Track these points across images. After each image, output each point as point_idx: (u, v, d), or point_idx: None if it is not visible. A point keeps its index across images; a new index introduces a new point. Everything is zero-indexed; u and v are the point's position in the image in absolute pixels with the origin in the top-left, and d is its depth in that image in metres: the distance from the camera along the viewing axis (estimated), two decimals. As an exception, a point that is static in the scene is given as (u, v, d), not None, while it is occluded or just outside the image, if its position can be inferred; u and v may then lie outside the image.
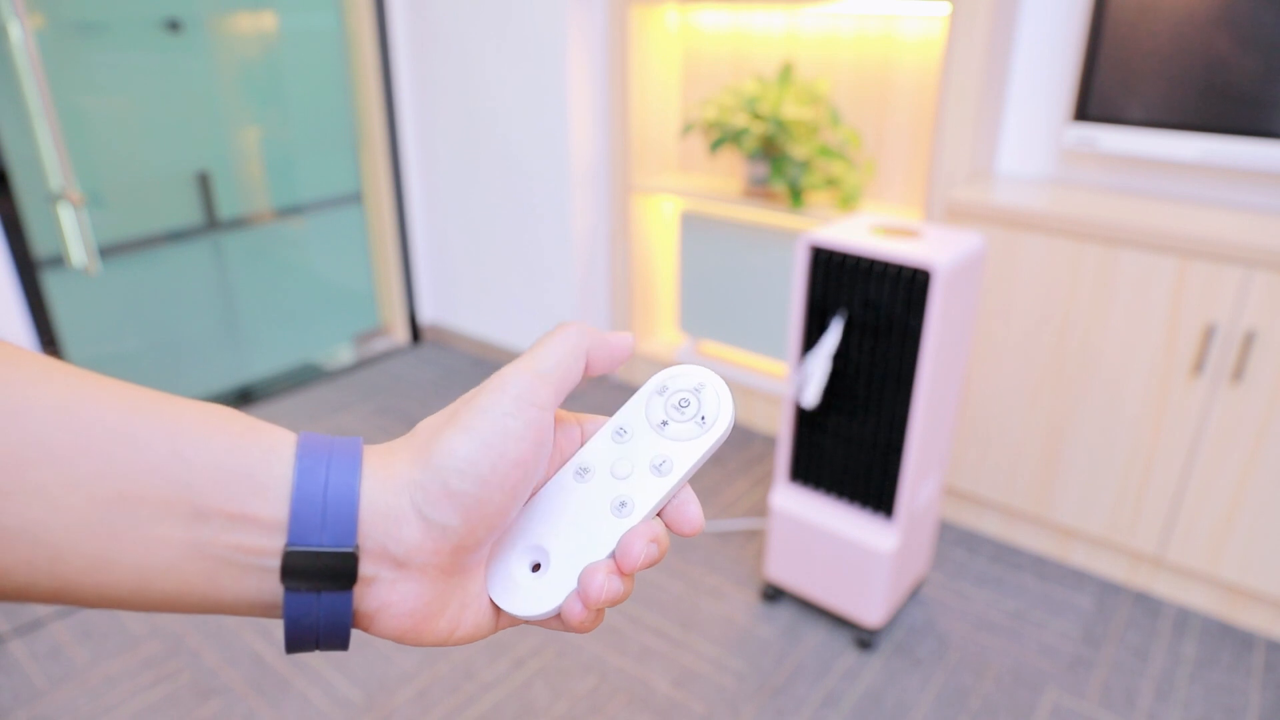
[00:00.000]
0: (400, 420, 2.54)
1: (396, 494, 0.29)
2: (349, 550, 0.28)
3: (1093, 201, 1.75)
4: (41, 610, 1.76)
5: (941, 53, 1.81)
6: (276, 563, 0.27)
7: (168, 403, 0.27)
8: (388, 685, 1.56)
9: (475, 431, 0.29)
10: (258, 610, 0.28)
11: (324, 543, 0.27)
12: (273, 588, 0.28)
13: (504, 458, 0.29)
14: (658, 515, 0.33)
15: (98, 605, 0.27)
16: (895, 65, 2.11)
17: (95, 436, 0.25)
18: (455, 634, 0.31)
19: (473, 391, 0.31)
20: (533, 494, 0.34)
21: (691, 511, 0.33)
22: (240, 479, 0.27)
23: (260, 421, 0.29)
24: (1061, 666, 1.63)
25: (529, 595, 0.32)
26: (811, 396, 1.48)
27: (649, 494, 0.33)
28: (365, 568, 0.28)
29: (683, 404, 0.34)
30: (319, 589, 0.28)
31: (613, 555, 0.32)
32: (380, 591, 0.29)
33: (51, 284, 2.18)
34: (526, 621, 0.33)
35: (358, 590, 0.29)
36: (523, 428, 0.30)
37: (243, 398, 2.65)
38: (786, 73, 2.12)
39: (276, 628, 1.71)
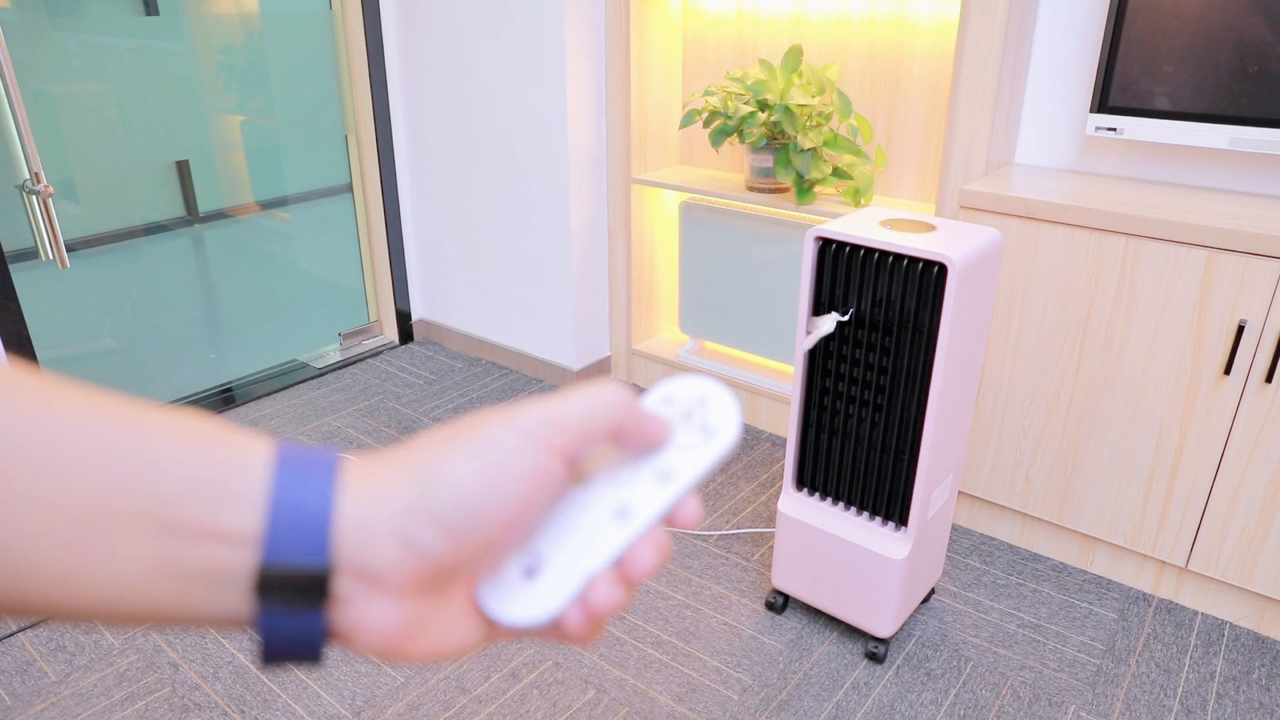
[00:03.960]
0: (390, 422, 2.47)
1: (375, 509, 0.28)
2: (321, 568, 0.27)
3: (1116, 192, 1.69)
4: (10, 622, 1.69)
5: (957, 37, 1.74)
6: (249, 578, 0.27)
7: (140, 411, 0.27)
8: (376, 700, 1.51)
9: (476, 460, 0.28)
10: (231, 624, 0.28)
11: (297, 559, 0.27)
12: (245, 603, 0.27)
13: (501, 494, 0.28)
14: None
15: (65, 618, 0.26)
16: (908, 50, 2.04)
17: (63, 447, 0.25)
18: (441, 651, 0.30)
19: (483, 416, 0.30)
20: None
21: (689, 504, 0.32)
22: (213, 491, 0.26)
23: (237, 431, 0.28)
24: (1083, 681, 1.57)
25: (521, 602, 0.31)
26: (809, 342, 1.44)
27: (651, 502, 0.32)
28: (340, 585, 0.27)
29: (688, 414, 0.34)
30: (291, 606, 0.27)
31: (613, 563, 0.31)
32: (355, 610, 0.28)
33: (20, 279, 2.12)
34: (519, 631, 0.31)
35: (332, 607, 0.28)
36: (528, 469, 0.29)
37: (224, 399, 2.58)
38: (793, 56, 2.05)
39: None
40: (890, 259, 1.35)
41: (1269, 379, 1.48)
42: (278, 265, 2.67)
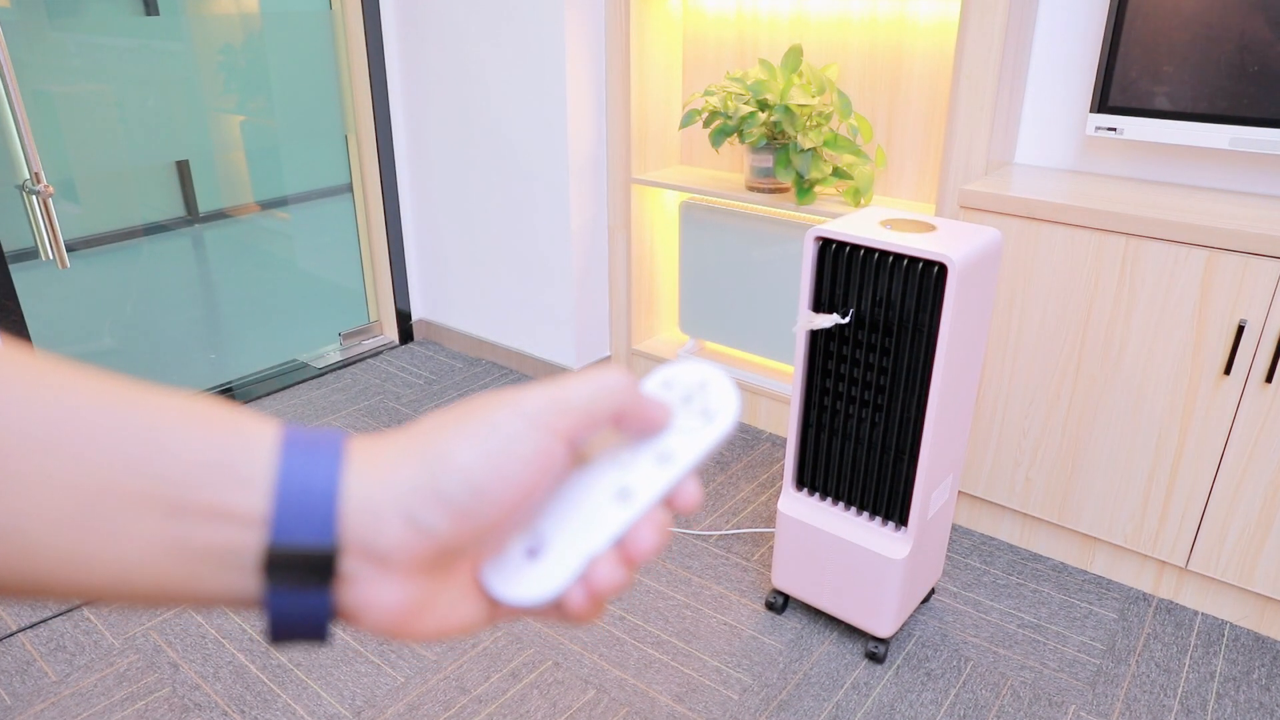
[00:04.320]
0: (390, 422, 2.47)
1: (382, 490, 0.28)
2: (328, 548, 0.27)
3: (1116, 192, 1.68)
4: (10, 622, 1.69)
5: (957, 37, 1.74)
6: (256, 558, 0.27)
7: (149, 394, 0.27)
8: (377, 700, 1.51)
9: (482, 443, 0.29)
10: (238, 604, 0.28)
11: (304, 539, 0.27)
12: (253, 582, 0.27)
13: (506, 477, 0.29)
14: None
15: (76, 598, 0.27)
16: (908, 50, 2.04)
17: (72, 428, 0.25)
18: (445, 630, 0.31)
19: (486, 400, 0.30)
20: None
21: (689, 487, 0.33)
22: (221, 472, 0.27)
23: (244, 413, 0.28)
24: (1083, 681, 1.56)
25: (524, 582, 0.31)
26: (803, 327, 1.46)
27: (652, 483, 0.32)
28: (346, 565, 0.28)
29: (687, 398, 0.34)
30: (298, 585, 0.27)
31: (614, 543, 0.32)
32: (362, 589, 0.28)
33: (20, 279, 2.11)
34: (522, 610, 0.32)
35: (339, 587, 0.28)
36: (530, 452, 0.29)
37: (225, 399, 2.58)
38: (793, 56, 2.05)
39: (259, 639, 1.65)
40: (890, 259, 1.35)
41: (1269, 379, 1.48)
42: (278, 265, 2.67)
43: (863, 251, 1.37)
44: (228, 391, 2.60)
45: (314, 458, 0.28)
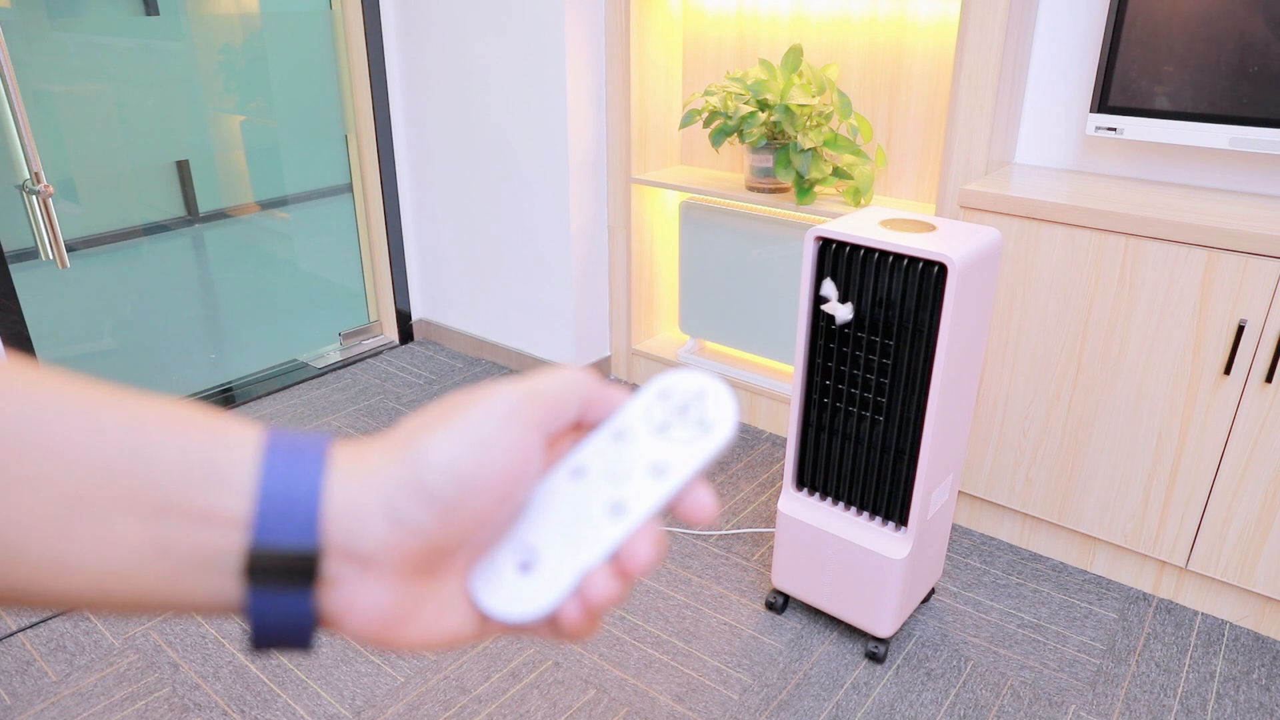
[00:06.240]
0: (390, 422, 2.47)
1: (365, 491, 0.28)
2: (310, 549, 0.27)
3: (1116, 192, 1.68)
4: (10, 622, 1.69)
5: (957, 37, 1.74)
6: (238, 560, 0.27)
7: (130, 399, 0.27)
8: (377, 699, 1.51)
9: (461, 434, 0.29)
10: (222, 609, 0.28)
11: (287, 541, 0.27)
12: (235, 586, 0.27)
13: (488, 465, 0.29)
14: (664, 513, 0.33)
15: (58, 606, 0.27)
16: (908, 50, 2.04)
17: (54, 433, 0.25)
18: (431, 640, 0.30)
19: (461, 397, 0.30)
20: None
21: (703, 499, 0.32)
22: (203, 475, 0.27)
23: (226, 418, 0.29)
24: (1083, 681, 1.56)
25: (515, 596, 0.31)
26: (830, 307, 1.44)
27: (646, 497, 0.32)
28: (330, 567, 0.28)
29: (684, 409, 0.34)
30: (281, 588, 0.27)
31: (608, 558, 0.31)
32: (345, 592, 0.28)
33: (20, 279, 2.11)
34: (513, 627, 0.31)
35: (322, 590, 0.28)
36: (511, 441, 0.29)
37: (225, 398, 2.58)
38: (793, 56, 2.05)
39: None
40: (890, 259, 1.35)
41: (1269, 379, 1.48)
42: (278, 265, 2.67)
43: (863, 251, 1.37)
44: (228, 391, 2.60)
45: (297, 461, 0.28)
